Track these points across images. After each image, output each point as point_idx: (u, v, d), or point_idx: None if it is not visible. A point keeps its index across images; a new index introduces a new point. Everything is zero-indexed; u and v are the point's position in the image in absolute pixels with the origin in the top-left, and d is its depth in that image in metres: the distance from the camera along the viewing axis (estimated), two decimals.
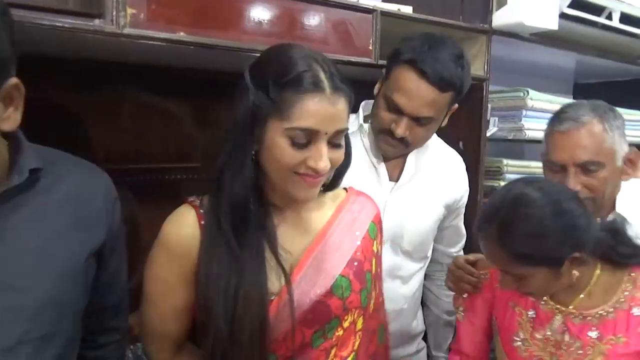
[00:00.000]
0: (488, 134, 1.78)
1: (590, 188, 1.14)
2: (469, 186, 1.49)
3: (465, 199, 1.46)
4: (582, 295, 1.01)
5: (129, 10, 1.01)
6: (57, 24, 0.94)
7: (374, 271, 0.97)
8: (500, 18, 1.64)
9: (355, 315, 0.92)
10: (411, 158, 1.32)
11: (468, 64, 1.22)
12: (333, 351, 0.90)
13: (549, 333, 1.02)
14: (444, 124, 1.30)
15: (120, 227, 0.92)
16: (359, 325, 0.93)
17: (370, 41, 1.37)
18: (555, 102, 1.98)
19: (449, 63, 1.15)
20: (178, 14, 1.08)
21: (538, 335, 1.03)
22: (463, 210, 1.48)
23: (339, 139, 0.84)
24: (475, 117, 1.73)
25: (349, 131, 1.30)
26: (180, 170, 1.51)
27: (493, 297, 1.14)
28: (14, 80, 0.70)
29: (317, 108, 0.78)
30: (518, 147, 2.26)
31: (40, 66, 1.04)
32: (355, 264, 0.92)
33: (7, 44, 0.68)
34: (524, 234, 0.90)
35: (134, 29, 1.02)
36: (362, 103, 1.37)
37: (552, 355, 1.01)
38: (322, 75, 0.80)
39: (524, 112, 1.88)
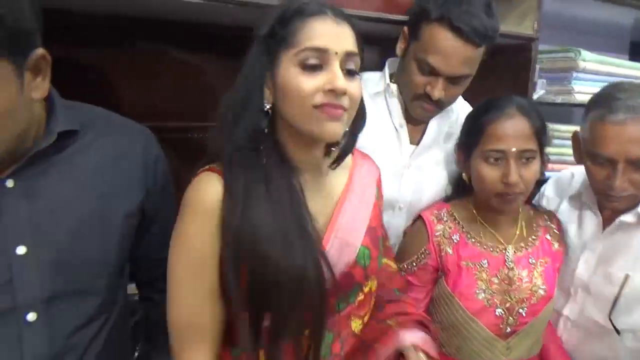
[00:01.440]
0: (535, 97, 1.70)
1: (637, 185, 1.07)
2: None
3: None
4: (517, 231, 1.19)
5: None
6: None
7: (382, 235, 0.98)
8: None
9: (373, 280, 0.94)
10: (433, 120, 1.27)
11: (496, 12, 1.15)
12: (353, 313, 0.91)
13: (504, 273, 1.14)
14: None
15: (166, 185, 0.93)
16: (373, 287, 0.95)
17: None
18: (608, 63, 1.87)
19: (481, 15, 1.08)
20: None
21: (495, 280, 1.14)
22: None
23: (351, 65, 0.80)
24: (522, 79, 1.64)
25: (374, 91, 1.28)
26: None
27: (438, 265, 1.17)
28: (40, 50, 0.71)
29: (323, 27, 0.78)
30: (567, 111, 2.15)
31: (73, 24, 1.04)
32: (371, 232, 0.92)
33: (31, 15, 0.68)
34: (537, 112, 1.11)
35: None
36: (388, 61, 1.29)
37: (509, 292, 1.13)
38: (324, 5, 0.81)
39: (574, 74, 1.78)
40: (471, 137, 1.13)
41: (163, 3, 1.07)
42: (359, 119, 0.87)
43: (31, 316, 0.76)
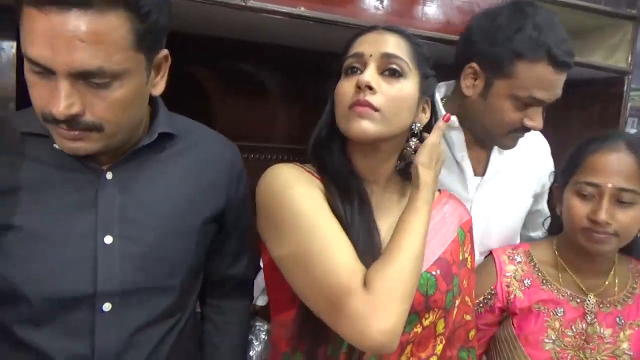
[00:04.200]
0: None
1: None
2: None
3: (550, 180, 1.25)
4: (607, 282, 1.04)
5: None
6: None
7: (460, 277, 0.92)
8: None
9: (437, 317, 0.87)
10: (495, 149, 1.21)
11: None
12: (409, 348, 0.85)
13: (581, 327, 1.02)
14: None
15: (245, 201, 0.94)
16: (440, 328, 0.88)
17: None
18: None
19: (565, 39, 1.04)
20: None
21: (569, 332, 1.02)
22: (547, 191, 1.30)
23: (392, 65, 0.81)
24: (611, 115, 1.54)
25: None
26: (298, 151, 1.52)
27: (505, 306, 1.08)
28: (165, 51, 0.77)
29: (366, 37, 0.85)
30: None
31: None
32: (443, 263, 0.87)
33: (168, 14, 0.74)
34: None
35: (258, 2, 1.03)
36: (439, 85, 1.19)
37: (583, 350, 1.01)
38: (380, 26, 0.87)
39: None
40: (568, 168, 1.04)
41: (248, 20, 1.10)
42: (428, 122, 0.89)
43: (107, 306, 0.77)
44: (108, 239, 0.77)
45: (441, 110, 1.16)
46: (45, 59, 0.65)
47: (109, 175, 0.79)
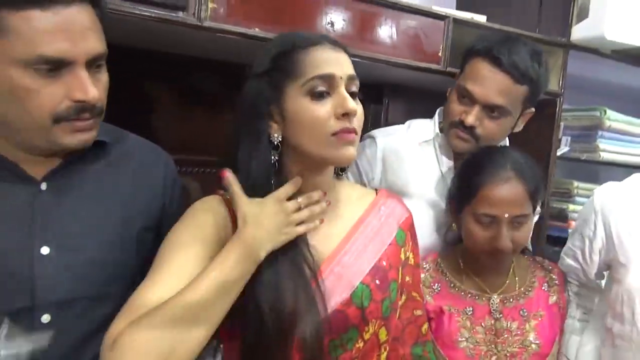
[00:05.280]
0: (559, 153, 1.71)
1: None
2: None
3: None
4: (507, 281, 1.15)
5: (210, 5, 1.07)
6: (146, 14, 1.01)
7: (400, 280, 0.93)
8: (580, 31, 1.58)
9: (377, 326, 0.87)
10: None
11: (546, 64, 1.20)
12: None
13: (490, 323, 1.09)
14: (517, 128, 1.26)
15: (180, 207, 0.95)
16: (383, 336, 0.88)
17: (441, 47, 1.37)
18: (636, 124, 1.87)
19: (525, 56, 1.14)
20: (254, 10, 1.13)
21: (479, 329, 1.09)
22: None
23: (354, 87, 0.82)
24: (545, 134, 1.66)
25: (424, 139, 1.30)
26: None
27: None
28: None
29: (325, 54, 0.81)
30: (592, 169, 2.14)
31: (121, 55, 1.11)
32: (379, 271, 0.88)
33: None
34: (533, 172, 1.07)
35: (214, 23, 1.08)
36: (438, 110, 1.32)
37: (495, 344, 1.08)
38: (320, 35, 0.85)
39: (599, 133, 1.78)
40: (464, 194, 1.09)
41: (203, 39, 1.14)
42: None
43: (45, 317, 0.77)
44: (45, 250, 0.77)
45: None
46: (65, 51, 0.70)
47: (44, 186, 0.79)
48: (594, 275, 1.20)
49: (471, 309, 1.11)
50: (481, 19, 1.47)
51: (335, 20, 1.24)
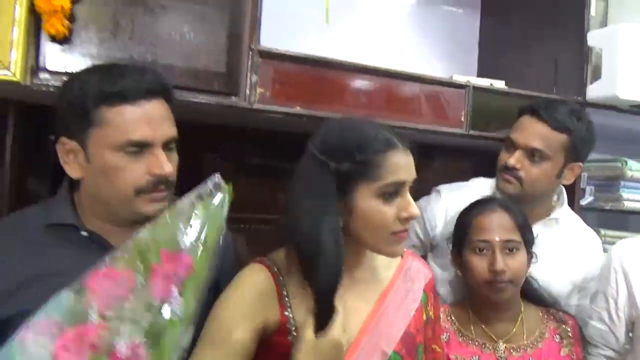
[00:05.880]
0: (583, 203, 1.78)
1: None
2: None
3: (595, 282, 1.35)
4: (514, 329, 1.19)
5: (259, 90, 1.24)
6: (204, 102, 1.20)
7: (425, 338, 0.98)
8: (595, 91, 1.67)
9: None
10: (537, 227, 1.31)
11: (587, 121, 1.34)
12: None
13: None
14: (565, 180, 1.37)
15: (234, 270, 0.99)
16: None
17: (463, 113, 1.50)
18: None
19: (563, 110, 1.31)
20: (295, 92, 1.30)
21: None
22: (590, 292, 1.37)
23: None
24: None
25: (484, 195, 1.35)
26: None
27: None
28: None
29: (401, 160, 0.87)
30: (619, 217, 2.18)
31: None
32: (408, 338, 0.93)
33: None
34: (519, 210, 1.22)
35: (262, 105, 1.25)
36: None
37: None
38: (391, 135, 0.88)
39: (622, 183, 1.85)
40: (461, 232, 1.22)
41: (253, 117, 1.31)
42: None
43: None
44: None
45: None
46: (147, 136, 0.87)
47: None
48: (623, 336, 1.23)
49: (477, 357, 1.17)
50: (500, 84, 1.60)
51: (365, 93, 1.39)
